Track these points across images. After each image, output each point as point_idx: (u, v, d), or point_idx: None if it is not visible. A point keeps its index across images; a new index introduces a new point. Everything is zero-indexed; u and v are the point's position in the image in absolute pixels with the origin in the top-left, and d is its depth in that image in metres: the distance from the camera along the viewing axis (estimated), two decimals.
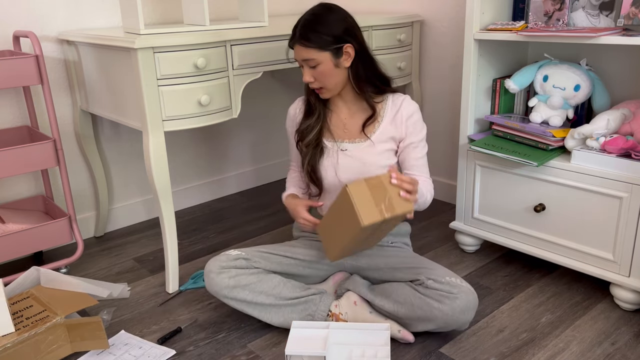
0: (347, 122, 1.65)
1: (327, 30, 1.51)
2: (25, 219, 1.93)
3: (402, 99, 1.63)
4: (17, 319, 1.46)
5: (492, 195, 1.87)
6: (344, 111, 1.66)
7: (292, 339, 1.45)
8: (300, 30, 1.52)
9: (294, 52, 1.57)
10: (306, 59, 1.53)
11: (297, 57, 1.56)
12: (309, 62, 1.53)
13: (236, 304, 1.57)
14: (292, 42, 1.56)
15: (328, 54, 1.52)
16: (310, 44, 1.51)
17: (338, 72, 1.55)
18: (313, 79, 1.55)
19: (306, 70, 1.55)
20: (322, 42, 1.51)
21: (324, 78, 1.55)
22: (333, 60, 1.53)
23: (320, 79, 1.55)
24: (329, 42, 1.51)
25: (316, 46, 1.51)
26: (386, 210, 1.33)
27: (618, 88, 1.82)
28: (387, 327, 1.48)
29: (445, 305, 1.44)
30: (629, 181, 1.54)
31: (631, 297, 1.60)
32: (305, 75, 1.56)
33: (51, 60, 2.02)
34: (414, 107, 1.62)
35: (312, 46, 1.51)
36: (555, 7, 1.76)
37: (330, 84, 1.56)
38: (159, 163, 1.67)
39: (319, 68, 1.53)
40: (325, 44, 1.51)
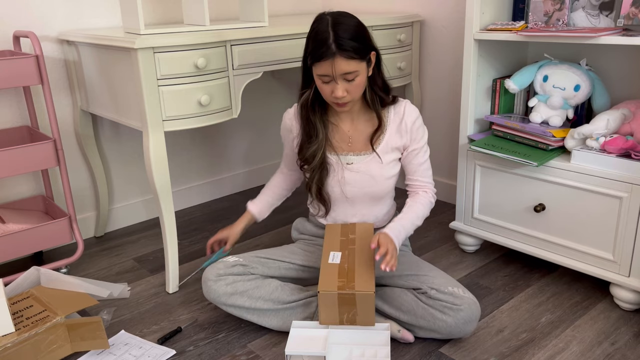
0: (351, 135, 1.61)
1: (361, 40, 1.43)
2: (25, 219, 1.93)
3: (404, 105, 1.59)
4: (17, 319, 1.46)
5: (492, 195, 1.87)
6: (347, 123, 1.61)
7: (292, 339, 1.45)
8: (339, 43, 1.39)
9: (326, 66, 1.41)
10: (347, 72, 1.41)
11: (336, 71, 1.41)
12: (349, 76, 1.42)
13: (235, 310, 1.57)
14: (328, 55, 1.40)
15: (364, 64, 1.45)
16: (353, 55, 1.40)
17: (365, 83, 1.50)
18: (346, 93, 1.45)
19: (341, 85, 1.43)
20: (362, 53, 1.43)
21: (356, 90, 1.46)
22: (367, 69, 1.47)
23: (353, 92, 1.46)
24: (365, 52, 1.44)
25: (357, 57, 1.41)
26: (346, 321, 1.45)
27: (618, 88, 1.82)
28: (387, 327, 1.48)
29: (449, 317, 1.44)
30: (628, 181, 1.54)
31: (631, 297, 1.60)
32: (339, 91, 1.44)
33: (51, 60, 2.02)
34: (416, 112, 1.59)
35: (354, 57, 1.40)
36: (555, 7, 1.76)
37: (358, 96, 1.50)
38: (159, 163, 1.67)
39: (357, 80, 1.44)
40: (363, 55, 1.44)
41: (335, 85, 1.45)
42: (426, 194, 1.63)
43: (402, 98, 1.63)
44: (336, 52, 1.39)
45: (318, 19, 1.47)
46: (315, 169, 1.60)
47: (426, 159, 1.63)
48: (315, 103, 1.57)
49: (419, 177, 1.62)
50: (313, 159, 1.59)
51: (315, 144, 1.58)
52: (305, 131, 1.60)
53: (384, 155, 1.59)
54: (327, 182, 1.62)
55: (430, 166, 1.65)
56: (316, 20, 1.47)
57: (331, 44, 1.40)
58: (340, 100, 1.47)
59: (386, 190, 1.64)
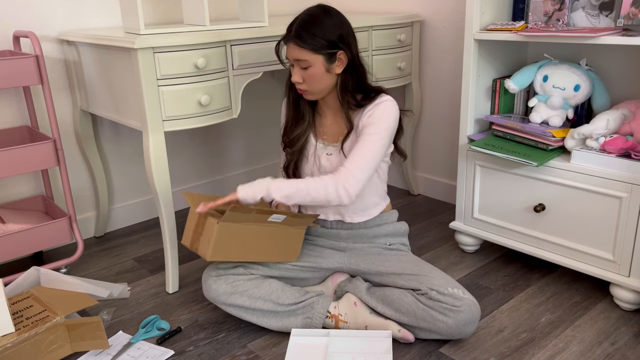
0: (330, 128, 1.65)
1: (322, 34, 1.49)
2: (25, 219, 1.93)
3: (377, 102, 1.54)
4: (17, 319, 1.46)
5: (492, 195, 1.87)
6: (329, 117, 1.66)
7: (292, 347, 1.45)
8: (296, 29, 1.50)
9: (287, 50, 1.55)
10: (298, 59, 1.51)
11: (290, 55, 1.54)
12: (301, 63, 1.51)
13: (234, 310, 1.57)
14: (286, 39, 1.54)
15: (321, 58, 1.50)
16: (304, 45, 1.49)
17: (328, 78, 1.53)
18: (302, 80, 1.53)
19: (296, 70, 1.53)
20: (316, 45, 1.49)
21: (312, 81, 1.53)
22: (325, 64, 1.51)
23: (309, 82, 1.53)
24: (323, 45, 1.49)
25: (310, 48, 1.49)
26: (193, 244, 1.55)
27: (618, 88, 1.82)
28: (389, 334, 1.48)
29: (450, 319, 1.44)
30: (628, 181, 1.54)
31: (631, 297, 1.60)
32: (295, 75, 1.54)
33: (51, 60, 2.02)
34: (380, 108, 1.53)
35: (305, 47, 1.49)
36: (555, 7, 1.76)
37: (317, 88, 1.55)
38: (159, 163, 1.67)
39: (310, 70, 1.51)
40: (319, 47, 1.49)
41: (293, 69, 1.55)
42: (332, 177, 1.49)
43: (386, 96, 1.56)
44: (291, 38, 1.51)
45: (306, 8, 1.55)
46: (297, 150, 1.66)
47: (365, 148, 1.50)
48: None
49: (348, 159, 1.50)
50: (297, 141, 1.65)
51: (301, 128, 1.65)
52: (293, 114, 1.66)
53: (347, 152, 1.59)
54: (303, 166, 1.67)
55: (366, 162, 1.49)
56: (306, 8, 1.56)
57: (291, 29, 1.52)
58: (297, 85, 1.56)
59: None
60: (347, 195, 1.48)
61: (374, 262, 1.63)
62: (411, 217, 2.35)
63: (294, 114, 1.67)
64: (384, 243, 1.70)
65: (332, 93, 1.59)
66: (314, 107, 1.67)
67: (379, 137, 1.51)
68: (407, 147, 2.52)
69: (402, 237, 1.74)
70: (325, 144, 1.65)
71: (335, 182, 1.48)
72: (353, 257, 1.67)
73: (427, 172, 2.58)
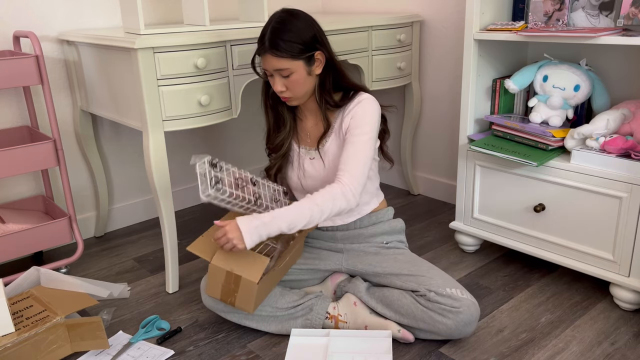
0: (311, 131, 1.64)
1: (296, 38, 1.45)
2: (25, 219, 1.93)
3: (356, 101, 1.54)
4: (17, 319, 1.46)
5: (492, 195, 1.87)
6: (310, 120, 1.65)
7: (292, 348, 1.45)
8: (270, 39, 1.45)
9: (263, 61, 1.50)
10: (279, 69, 1.47)
11: (268, 67, 1.49)
12: (282, 72, 1.47)
13: (233, 317, 1.57)
14: (261, 51, 1.48)
15: (301, 63, 1.47)
16: (282, 54, 1.45)
17: (310, 80, 1.52)
18: (285, 88, 1.50)
19: (277, 80, 1.49)
20: (294, 51, 1.45)
21: (296, 87, 1.50)
22: (306, 68, 1.49)
23: (292, 88, 1.50)
24: (300, 50, 1.46)
25: (288, 55, 1.45)
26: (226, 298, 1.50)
27: (618, 88, 1.82)
28: (389, 334, 1.48)
29: (449, 320, 1.44)
30: (628, 181, 1.54)
31: (631, 297, 1.60)
32: (277, 85, 1.50)
33: (51, 60, 2.02)
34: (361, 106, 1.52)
35: (284, 55, 1.45)
36: (555, 7, 1.76)
37: (300, 93, 1.52)
38: (159, 163, 1.67)
39: (292, 77, 1.48)
40: (297, 53, 1.46)
41: (274, 79, 1.51)
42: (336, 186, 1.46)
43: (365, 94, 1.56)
44: (267, 49, 1.47)
45: (272, 15, 1.52)
46: (279, 157, 1.66)
47: (357, 150, 1.49)
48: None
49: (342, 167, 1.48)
50: (280, 148, 1.66)
51: (283, 133, 1.65)
52: (273, 120, 1.66)
53: (331, 150, 1.59)
54: (287, 171, 1.68)
55: (359, 161, 1.48)
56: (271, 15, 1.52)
57: (265, 40, 1.47)
58: (281, 94, 1.53)
59: None
60: (354, 199, 1.46)
61: (371, 263, 1.63)
62: (411, 217, 2.35)
63: (275, 120, 1.66)
64: (380, 242, 1.69)
65: (312, 95, 1.57)
66: (294, 112, 1.66)
67: (367, 137, 1.50)
68: (407, 147, 2.52)
69: (399, 235, 1.73)
70: (307, 149, 1.64)
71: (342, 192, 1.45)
72: (350, 258, 1.67)
73: (427, 172, 2.58)
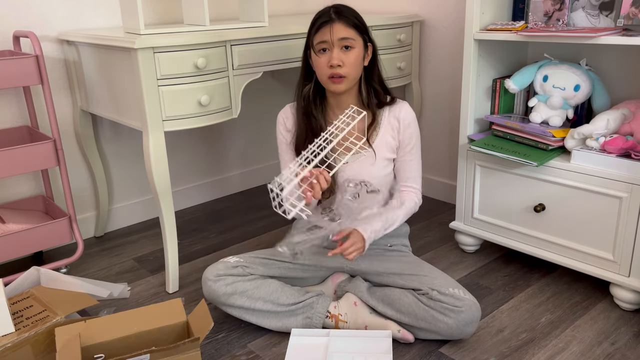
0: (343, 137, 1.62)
1: (360, 17, 1.54)
2: (25, 219, 1.93)
3: (401, 106, 1.62)
4: (17, 319, 1.46)
5: (492, 195, 1.87)
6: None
7: (292, 347, 1.45)
8: (339, 11, 1.51)
9: (324, 32, 1.49)
10: (345, 38, 1.49)
11: (334, 36, 1.48)
12: (346, 42, 1.49)
13: (234, 311, 1.57)
14: (330, 20, 1.49)
15: (361, 41, 1.54)
16: (352, 23, 1.50)
17: (360, 65, 1.55)
18: (342, 62, 1.49)
19: (336, 52, 1.49)
20: (360, 26, 1.52)
21: (352, 64, 1.51)
22: (363, 49, 1.54)
23: (349, 64, 1.50)
24: (363, 29, 1.54)
25: (356, 27, 1.51)
26: None
27: (618, 88, 1.82)
28: (389, 334, 1.48)
29: (450, 319, 1.44)
30: (629, 181, 1.54)
31: (631, 297, 1.60)
32: (335, 58, 1.48)
33: (51, 60, 2.02)
34: (413, 115, 1.63)
35: (353, 26, 1.51)
36: (555, 7, 1.76)
37: (353, 73, 1.53)
38: (159, 163, 1.67)
39: (352, 52, 1.50)
40: (362, 29, 1.53)
41: (332, 53, 1.50)
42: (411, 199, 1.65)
43: (401, 100, 1.65)
44: (335, 19, 1.50)
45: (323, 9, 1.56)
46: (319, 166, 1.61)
47: (418, 166, 1.65)
48: (316, 97, 1.61)
49: (411, 184, 1.65)
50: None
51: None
52: (306, 124, 1.61)
53: (378, 151, 1.60)
54: None
55: (419, 172, 1.66)
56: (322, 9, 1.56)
57: (331, 13, 1.51)
58: (335, 69, 1.50)
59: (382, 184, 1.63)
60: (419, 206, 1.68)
61: (374, 263, 1.63)
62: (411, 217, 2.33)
63: (306, 123, 1.60)
64: (384, 244, 1.69)
65: (353, 89, 1.58)
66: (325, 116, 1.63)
67: (419, 147, 1.65)
68: None
69: (402, 238, 1.74)
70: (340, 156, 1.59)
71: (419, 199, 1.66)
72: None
73: (427, 172, 2.57)
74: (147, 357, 1.23)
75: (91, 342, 1.29)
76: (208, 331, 1.29)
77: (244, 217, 2.42)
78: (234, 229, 2.31)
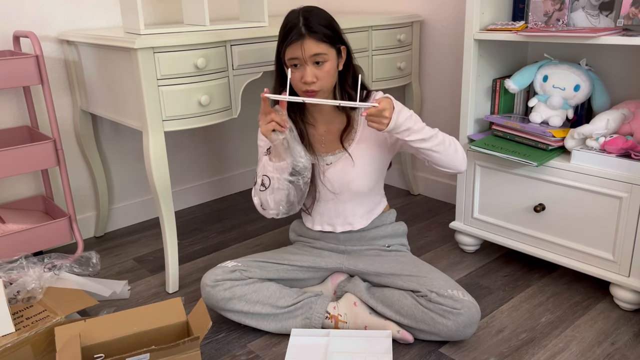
0: (325, 136, 1.61)
1: (330, 26, 1.46)
2: (25, 219, 1.93)
3: (373, 96, 1.55)
4: (17, 319, 1.46)
5: (492, 195, 1.87)
6: (321, 124, 1.61)
7: (292, 347, 1.45)
8: (307, 25, 1.42)
9: (295, 49, 1.43)
10: (317, 54, 1.43)
11: (306, 53, 1.42)
12: (318, 58, 1.43)
13: (233, 315, 1.57)
14: (299, 37, 1.42)
15: (334, 52, 1.47)
16: (323, 38, 1.43)
17: (335, 74, 1.50)
18: (316, 78, 1.45)
19: (309, 69, 1.44)
20: (331, 38, 1.45)
21: (326, 78, 1.46)
22: (336, 59, 1.48)
23: (323, 79, 1.46)
24: (335, 38, 1.47)
25: (327, 41, 1.44)
26: None
27: (618, 88, 1.82)
28: (389, 334, 1.48)
29: (450, 321, 1.44)
30: (629, 181, 1.54)
31: (631, 297, 1.60)
32: (308, 75, 1.44)
33: (51, 60, 2.02)
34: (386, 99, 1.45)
35: (324, 40, 1.43)
36: (555, 7, 1.76)
37: (328, 85, 1.48)
38: (159, 163, 1.67)
39: (325, 66, 1.45)
40: (333, 40, 1.46)
41: (304, 69, 1.45)
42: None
43: (375, 90, 1.60)
44: (306, 34, 1.42)
45: (289, 13, 1.50)
46: None
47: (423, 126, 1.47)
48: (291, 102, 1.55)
49: None
50: None
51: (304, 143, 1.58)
52: None
53: (359, 151, 1.58)
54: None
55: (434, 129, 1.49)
56: (287, 14, 1.50)
57: (301, 27, 1.43)
58: (309, 86, 1.46)
59: (369, 185, 1.61)
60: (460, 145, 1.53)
61: (373, 263, 1.63)
62: (411, 217, 2.35)
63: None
64: (383, 244, 1.69)
65: (328, 93, 1.53)
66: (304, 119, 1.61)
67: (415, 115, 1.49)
68: None
69: (401, 238, 1.74)
70: (322, 156, 1.61)
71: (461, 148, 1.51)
72: (352, 258, 1.67)
73: (427, 172, 2.57)
74: (147, 357, 1.23)
75: (91, 342, 1.29)
76: (207, 331, 1.29)
77: (244, 217, 2.42)
78: (234, 229, 2.31)
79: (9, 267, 1.59)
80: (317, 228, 1.70)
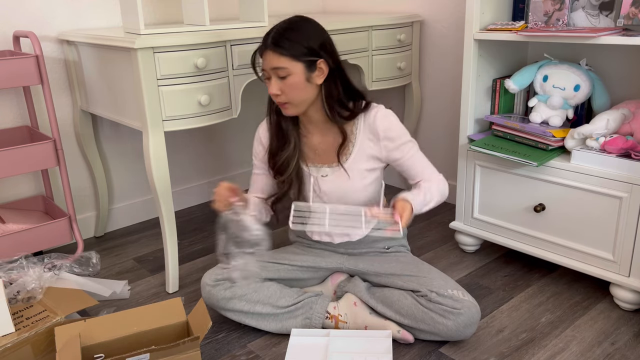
0: (319, 147, 1.58)
1: (302, 40, 1.41)
2: (25, 219, 1.93)
3: (374, 113, 1.52)
4: (17, 319, 1.46)
5: (492, 195, 1.87)
6: (315, 135, 1.58)
7: (292, 348, 1.45)
8: (274, 36, 1.41)
9: (263, 60, 1.45)
10: (276, 68, 1.41)
11: (266, 65, 1.43)
12: (279, 72, 1.41)
13: (233, 315, 1.57)
14: (263, 48, 1.44)
15: (301, 66, 1.41)
16: (283, 52, 1.40)
17: (308, 88, 1.44)
18: (280, 91, 1.43)
19: (274, 82, 1.43)
20: (296, 51, 1.40)
21: (292, 91, 1.43)
22: (305, 73, 1.42)
23: (288, 92, 1.43)
24: (303, 52, 1.41)
25: (289, 54, 1.40)
26: None
27: (618, 88, 1.82)
28: (389, 334, 1.48)
29: (450, 321, 1.44)
30: (629, 181, 1.54)
31: (631, 297, 1.60)
32: (272, 87, 1.43)
33: (51, 60, 2.02)
34: (388, 119, 1.52)
35: (285, 54, 1.40)
36: (555, 7, 1.76)
37: (297, 99, 1.45)
38: (159, 163, 1.67)
39: (289, 80, 1.41)
40: (299, 54, 1.40)
41: (270, 81, 1.45)
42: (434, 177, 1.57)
43: (375, 104, 1.56)
44: (268, 47, 1.43)
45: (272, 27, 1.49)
46: (293, 180, 1.57)
47: (420, 157, 1.56)
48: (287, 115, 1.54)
49: (425, 177, 1.55)
50: (286, 168, 1.56)
51: (287, 152, 1.55)
52: (277, 138, 1.57)
53: (356, 165, 1.55)
54: (304, 194, 1.59)
55: (427, 161, 1.57)
56: None
57: (268, 37, 1.44)
58: (275, 98, 1.46)
59: (368, 197, 1.59)
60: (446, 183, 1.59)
61: (373, 263, 1.63)
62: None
63: (277, 137, 1.57)
64: (382, 247, 1.69)
65: (315, 106, 1.50)
66: (298, 128, 1.57)
67: (414, 145, 1.56)
68: None
69: (401, 239, 1.73)
70: (318, 167, 1.59)
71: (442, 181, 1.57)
72: (352, 258, 1.67)
73: None
74: (147, 357, 1.23)
75: (91, 342, 1.29)
76: (207, 331, 1.29)
77: None
78: None
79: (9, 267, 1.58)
80: (315, 237, 1.69)
